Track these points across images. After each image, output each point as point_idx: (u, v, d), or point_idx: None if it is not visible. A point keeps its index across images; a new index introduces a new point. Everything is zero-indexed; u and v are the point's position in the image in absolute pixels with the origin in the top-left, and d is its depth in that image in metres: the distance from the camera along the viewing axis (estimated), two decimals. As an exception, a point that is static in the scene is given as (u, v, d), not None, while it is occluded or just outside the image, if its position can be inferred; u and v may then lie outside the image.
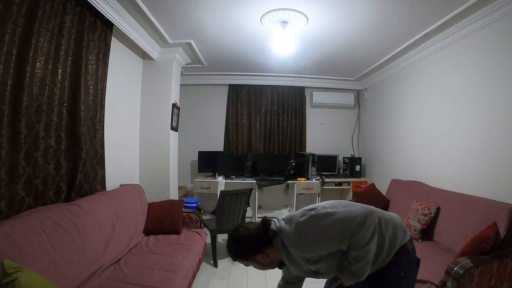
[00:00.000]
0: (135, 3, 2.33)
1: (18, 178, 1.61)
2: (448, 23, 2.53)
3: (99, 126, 2.38)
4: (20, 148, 1.62)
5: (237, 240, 1.21)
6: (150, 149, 3.39)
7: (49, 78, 1.84)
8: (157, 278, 1.74)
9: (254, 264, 1.22)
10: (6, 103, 1.52)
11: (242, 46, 3.33)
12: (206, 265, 2.77)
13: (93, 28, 2.26)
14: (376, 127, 4.39)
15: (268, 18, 2.57)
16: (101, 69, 2.39)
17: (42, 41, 1.74)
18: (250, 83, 4.70)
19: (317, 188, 4.09)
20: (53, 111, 1.89)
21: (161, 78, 3.43)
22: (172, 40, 3.16)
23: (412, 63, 3.37)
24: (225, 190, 2.83)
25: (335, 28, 2.77)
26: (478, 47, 2.42)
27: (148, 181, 3.32)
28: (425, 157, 3.12)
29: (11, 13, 1.52)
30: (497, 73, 2.23)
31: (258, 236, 1.18)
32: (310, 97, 4.90)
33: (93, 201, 2.04)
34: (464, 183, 2.52)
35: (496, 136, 2.23)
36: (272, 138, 4.78)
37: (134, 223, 2.43)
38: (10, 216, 1.51)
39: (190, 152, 4.62)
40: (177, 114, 3.67)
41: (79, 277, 1.61)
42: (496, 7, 2.14)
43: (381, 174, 4.15)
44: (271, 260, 1.20)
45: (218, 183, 3.94)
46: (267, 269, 1.25)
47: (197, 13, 2.55)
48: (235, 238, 1.22)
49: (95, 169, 2.32)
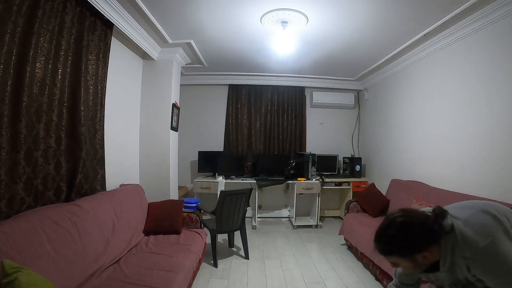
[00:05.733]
0: (135, 3, 2.33)
1: (18, 178, 1.61)
2: (448, 23, 2.53)
3: (99, 126, 2.38)
4: (20, 148, 1.61)
5: (406, 227, 0.95)
6: (150, 149, 3.39)
7: (49, 78, 1.84)
8: (157, 278, 1.73)
9: (408, 263, 0.99)
10: (6, 103, 1.52)
11: (242, 46, 3.33)
12: (206, 265, 2.77)
13: (93, 28, 2.26)
14: (376, 127, 4.39)
15: (268, 18, 2.57)
16: (101, 69, 2.39)
17: (42, 41, 1.74)
18: (250, 83, 4.71)
19: (317, 188, 4.09)
20: (53, 111, 1.89)
21: (161, 78, 3.43)
22: (172, 40, 3.16)
23: (412, 63, 3.37)
24: (225, 190, 2.82)
25: (335, 28, 2.77)
26: (478, 47, 2.41)
27: (148, 181, 3.32)
28: (425, 157, 3.12)
29: (11, 13, 1.52)
30: (497, 73, 2.23)
31: (432, 225, 0.94)
32: (310, 97, 4.90)
33: (93, 201, 2.04)
34: (464, 183, 2.52)
35: (496, 136, 2.22)
36: (272, 138, 4.78)
37: (134, 223, 2.43)
38: (10, 216, 1.51)
39: (190, 152, 4.62)
40: (177, 114, 3.67)
41: (79, 277, 1.61)
42: (496, 7, 2.14)
43: (381, 174, 4.15)
44: (430, 262, 0.97)
45: (218, 183, 3.94)
46: (415, 271, 1.03)
47: (197, 13, 2.55)
48: (404, 224, 0.96)
49: (95, 169, 2.32)
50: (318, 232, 4.04)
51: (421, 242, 0.95)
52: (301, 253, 3.21)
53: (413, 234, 0.96)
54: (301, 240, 3.67)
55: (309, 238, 3.75)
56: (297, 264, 2.88)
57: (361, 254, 2.80)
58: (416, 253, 0.96)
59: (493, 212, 0.99)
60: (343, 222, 3.35)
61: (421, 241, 0.95)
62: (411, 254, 0.97)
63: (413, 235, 0.96)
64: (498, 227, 0.95)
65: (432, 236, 0.95)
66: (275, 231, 4.01)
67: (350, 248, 3.27)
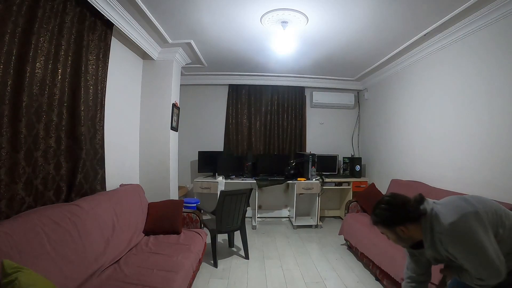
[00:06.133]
0: (135, 3, 2.33)
1: (18, 178, 1.61)
2: (448, 23, 2.53)
3: (99, 126, 2.38)
4: (20, 148, 1.61)
5: (390, 205, 1.23)
6: (150, 149, 3.39)
7: (49, 78, 1.83)
8: (157, 278, 1.73)
9: (392, 235, 1.24)
10: (6, 103, 1.52)
11: (242, 46, 3.33)
12: (206, 265, 2.77)
13: (93, 28, 2.26)
14: (376, 127, 4.39)
15: (268, 18, 2.57)
16: (101, 69, 2.39)
17: (42, 41, 1.74)
18: (250, 83, 4.71)
19: (317, 188, 4.09)
20: (53, 111, 1.88)
21: (161, 78, 3.43)
22: (172, 40, 3.16)
23: (412, 63, 3.37)
24: (225, 190, 2.83)
25: (335, 28, 2.77)
26: (478, 47, 2.41)
27: (148, 181, 3.32)
28: (425, 157, 3.12)
29: (11, 13, 1.52)
30: (497, 73, 2.23)
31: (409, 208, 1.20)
32: (310, 97, 4.90)
33: (93, 201, 2.04)
34: (464, 183, 2.52)
35: (496, 135, 2.22)
36: (272, 138, 4.78)
37: (134, 223, 2.43)
38: (10, 216, 1.51)
39: (190, 152, 4.62)
40: (177, 114, 3.67)
41: (79, 277, 1.61)
42: (496, 7, 2.14)
43: (381, 174, 4.15)
44: (409, 236, 1.21)
45: (218, 183, 3.94)
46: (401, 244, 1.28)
47: (197, 13, 2.55)
48: (389, 202, 1.24)
49: (95, 169, 2.32)
50: (318, 232, 4.04)
51: (399, 218, 1.20)
52: (301, 253, 3.21)
53: (392, 210, 1.22)
54: (301, 240, 3.67)
55: (309, 238, 3.75)
56: (297, 264, 2.88)
57: (361, 254, 2.80)
58: (395, 226, 1.21)
59: (471, 201, 1.16)
60: (343, 222, 3.35)
61: (399, 217, 1.20)
62: (391, 226, 1.22)
63: (392, 211, 1.22)
64: (471, 211, 1.10)
65: (407, 215, 1.19)
66: (275, 231, 4.01)
67: (350, 248, 3.27)
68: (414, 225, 1.19)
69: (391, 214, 1.21)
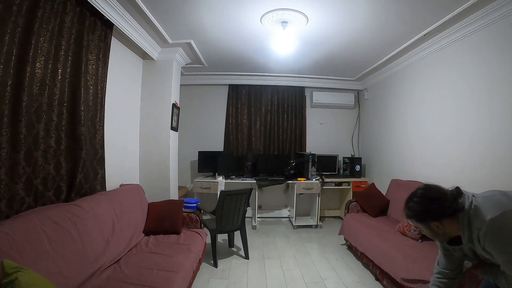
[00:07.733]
0: (135, 3, 2.33)
1: (18, 178, 1.61)
2: (448, 23, 2.53)
3: (99, 126, 2.38)
4: (20, 148, 1.61)
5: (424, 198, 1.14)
6: (150, 149, 3.39)
7: (49, 78, 1.84)
8: (157, 278, 1.73)
9: (426, 229, 1.17)
10: (6, 103, 1.52)
11: (242, 46, 3.33)
12: (206, 265, 2.77)
13: (93, 28, 2.26)
14: (376, 127, 4.39)
15: (268, 18, 2.57)
16: (101, 69, 2.39)
17: (42, 41, 1.74)
18: (250, 83, 4.71)
19: (317, 188, 4.09)
20: (53, 111, 1.89)
21: (161, 78, 3.43)
22: (172, 40, 3.16)
23: (412, 63, 3.37)
24: (225, 190, 2.83)
25: (335, 28, 2.77)
26: (478, 47, 2.41)
27: (148, 181, 3.32)
28: (425, 157, 3.12)
29: (11, 13, 1.52)
30: (497, 73, 2.23)
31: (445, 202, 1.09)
32: (310, 97, 4.91)
33: (93, 201, 2.03)
34: (464, 183, 2.50)
35: (496, 136, 2.22)
36: (272, 138, 4.79)
37: (134, 223, 2.43)
38: (10, 216, 1.51)
39: (190, 152, 4.62)
40: (177, 114, 3.67)
41: (79, 277, 1.60)
42: (496, 7, 2.14)
43: (381, 174, 4.15)
44: (445, 232, 1.13)
45: (218, 183, 3.94)
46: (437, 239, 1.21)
47: (197, 13, 2.55)
48: (423, 195, 1.15)
49: (95, 169, 2.32)
50: (318, 232, 4.04)
51: (433, 213, 1.11)
52: (301, 253, 3.21)
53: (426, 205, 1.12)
54: (301, 240, 3.67)
55: (309, 238, 3.75)
56: (297, 264, 2.88)
57: (361, 254, 2.80)
58: (429, 221, 1.12)
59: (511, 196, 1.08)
60: (343, 222, 3.35)
61: (433, 212, 1.11)
62: (425, 221, 1.14)
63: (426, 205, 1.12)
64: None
65: (443, 210, 1.09)
66: (275, 231, 4.01)
67: (350, 248, 3.27)
68: (450, 221, 1.10)
69: (425, 208, 1.12)
